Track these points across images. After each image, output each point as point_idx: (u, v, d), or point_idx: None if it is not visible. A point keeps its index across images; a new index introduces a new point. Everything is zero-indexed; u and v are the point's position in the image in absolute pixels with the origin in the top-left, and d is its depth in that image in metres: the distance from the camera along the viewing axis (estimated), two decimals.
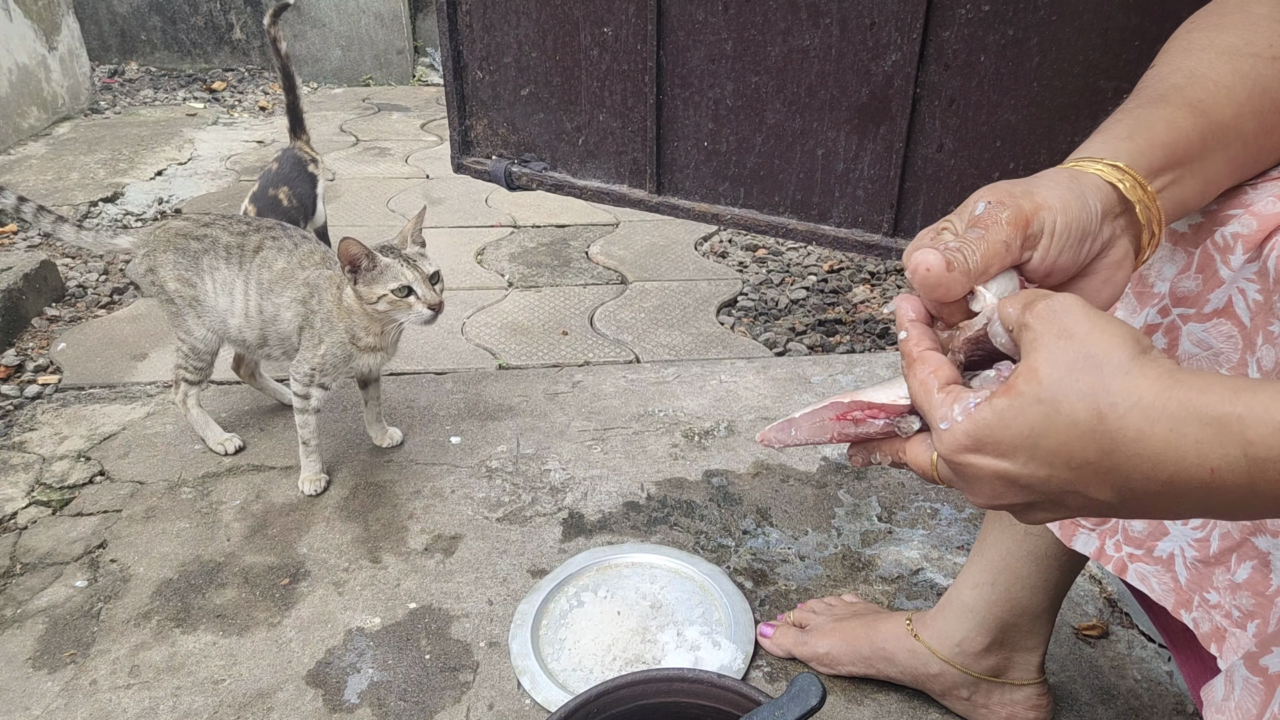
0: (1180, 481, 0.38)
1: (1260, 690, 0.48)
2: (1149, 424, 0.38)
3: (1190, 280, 0.56)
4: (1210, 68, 0.56)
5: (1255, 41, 0.56)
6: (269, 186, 1.75)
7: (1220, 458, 0.37)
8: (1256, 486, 0.37)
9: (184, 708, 0.99)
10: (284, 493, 1.35)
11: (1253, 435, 0.36)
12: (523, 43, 1.16)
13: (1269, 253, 0.51)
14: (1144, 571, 0.65)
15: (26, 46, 3.18)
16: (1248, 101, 0.55)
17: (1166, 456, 0.38)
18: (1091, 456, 0.39)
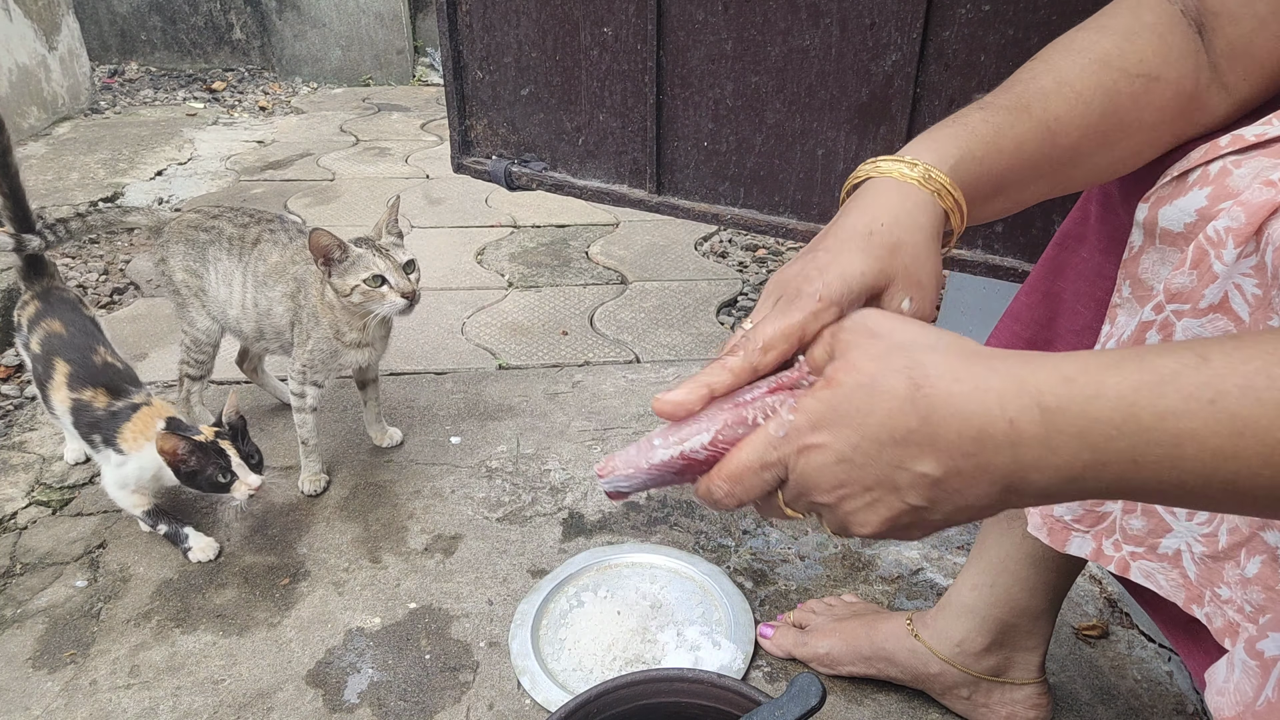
0: (988, 437, 0.40)
1: (1257, 673, 0.49)
2: (957, 384, 0.41)
3: (1184, 276, 0.56)
4: (1079, 76, 0.59)
5: (1128, 54, 0.59)
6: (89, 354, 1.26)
7: (1018, 408, 0.39)
8: (1051, 439, 0.39)
9: (184, 708, 0.99)
10: (284, 493, 1.35)
11: (1043, 385, 0.39)
12: (523, 43, 1.16)
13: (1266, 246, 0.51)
14: (1149, 568, 0.65)
15: (26, 46, 3.18)
16: (1098, 121, 0.59)
17: (973, 411, 0.40)
18: (913, 424, 0.41)
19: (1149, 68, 0.59)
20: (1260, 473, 0.34)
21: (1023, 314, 0.77)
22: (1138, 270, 0.62)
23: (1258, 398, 0.34)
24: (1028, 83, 0.60)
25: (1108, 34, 0.61)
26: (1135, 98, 0.59)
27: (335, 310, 1.24)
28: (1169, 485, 0.37)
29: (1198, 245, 0.55)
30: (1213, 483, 0.36)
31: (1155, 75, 0.59)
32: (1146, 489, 0.38)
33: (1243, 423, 0.34)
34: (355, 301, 1.19)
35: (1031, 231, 1.00)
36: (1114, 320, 0.64)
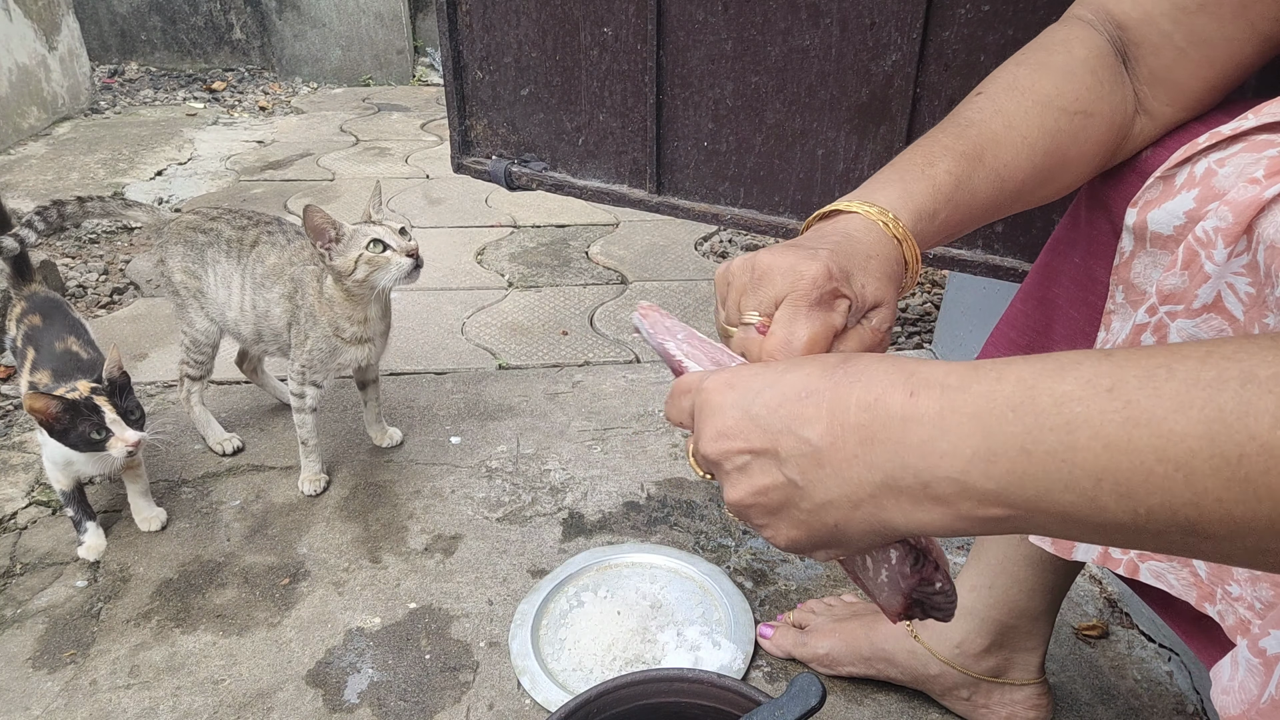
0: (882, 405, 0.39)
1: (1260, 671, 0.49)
2: (880, 361, 0.41)
3: (1176, 277, 0.57)
4: (1025, 119, 0.61)
5: (1066, 93, 0.62)
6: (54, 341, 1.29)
7: (921, 383, 0.38)
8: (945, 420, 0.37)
9: (184, 708, 0.99)
10: (284, 493, 1.35)
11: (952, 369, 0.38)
12: (523, 43, 1.16)
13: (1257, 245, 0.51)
14: (1158, 569, 0.65)
15: (26, 46, 3.18)
16: (1042, 161, 0.61)
17: (880, 379, 0.39)
18: (823, 385, 0.41)
19: (1084, 105, 0.62)
20: (1154, 469, 0.32)
21: (1018, 320, 0.78)
22: (1130, 275, 0.62)
23: (1155, 388, 0.32)
24: (980, 126, 0.61)
25: (1047, 73, 0.63)
26: (1074, 135, 0.62)
27: (335, 305, 1.24)
28: (1058, 487, 0.34)
29: (1187, 246, 0.55)
30: (1103, 483, 0.33)
31: (1090, 112, 0.62)
32: (1034, 496, 0.35)
33: (1138, 413, 0.32)
34: (360, 278, 1.18)
35: (1031, 231, 1.00)
36: (1109, 326, 0.65)
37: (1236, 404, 0.31)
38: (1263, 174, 0.52)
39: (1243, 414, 0.30)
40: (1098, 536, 0.35)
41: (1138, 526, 0.33)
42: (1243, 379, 0.31)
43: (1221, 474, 0.31)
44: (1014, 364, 0.37)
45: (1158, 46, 0.63)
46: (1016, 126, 0.61)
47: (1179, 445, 0.31)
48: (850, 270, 0.53)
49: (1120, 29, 0.64)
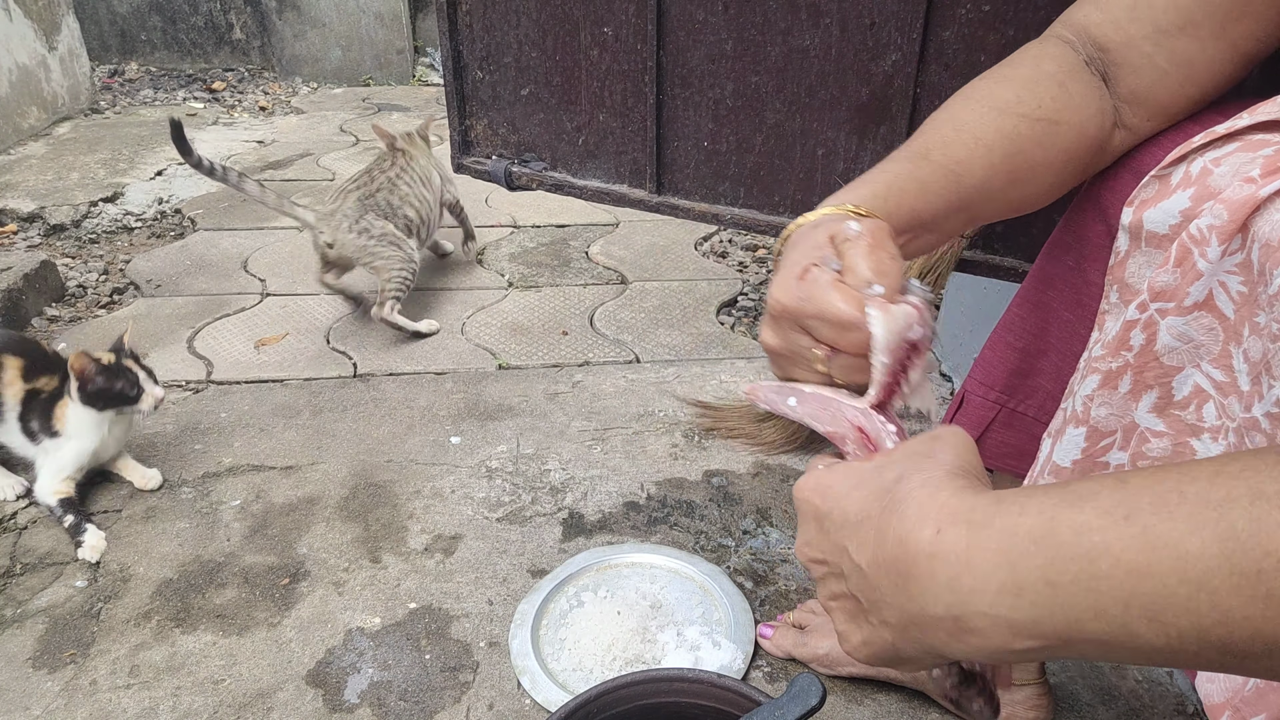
0: (913, 541, 0.39)
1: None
2: (920, 489, 0.41)
3: (1167, 274, 0.57)
4: (979, 123, 0.63)
5: (1027, 101, 0.63)
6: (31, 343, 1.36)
7: (948, 520, 0.39)
8: (971, 556, 0.38)
9: (184, 708, 0.99)
10: (284, 493, 1.35)
11: (975, 504, 0.39)
12: (523, 43, 1.16)
13: (1251, 243, 0.52)
14: None
15: (26, 46, 3.18)
16: (1001, 162, 0.62)
17: (912, 514, 0.40)
18: (874, 511, 0.42)
19: (1048, 113, 0.62)
20: (1176, 591, 0.33)
21: (1015, 325, 0.78)
22: (1124, 274, 0.62)
23: (1170, 513, 0.33)
24: (929, 134, 0.64)
25: (1008, 84, 0.64)
26: (1038, 140, 0.62)
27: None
28: (1087, 615, 0.35)
29: (1180, 243, 0.56)
30: (1131, 608, 0.34)
31: (1056, 120, 0.62)
32: (1065, 625, 0.36)
33: (1155, 537, 0.33)
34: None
35: (1031, 232, 1.00)
36: (1102, 326, 0.65)
37: (1248, 521, 0.31)
38: (1258, 173, 0.52)
39: (1255, 531, 0.31)
40: (1140, 661, 0.36)
41: (1174, 649, 0.34)
42: (1252, 496, 0.32)
43: (1243, 591, 0.31)
44: (1034, 495, 0.38)
45: (1139, 68, 0.64)
46: (967, 128, 0.62)
47: (1197, 565, 0.32)
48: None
49: (1101, 50, 0.65)
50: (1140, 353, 0.60)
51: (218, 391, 1.63)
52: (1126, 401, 0.62)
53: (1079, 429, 0.65)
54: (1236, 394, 0.55)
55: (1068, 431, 0.66)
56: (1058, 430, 0.68)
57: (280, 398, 1.60)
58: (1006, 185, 0.63)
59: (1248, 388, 0.54)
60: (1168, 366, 0.59)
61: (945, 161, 0.61)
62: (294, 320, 1.92)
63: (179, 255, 2.26)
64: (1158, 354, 0.59)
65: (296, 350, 1.79)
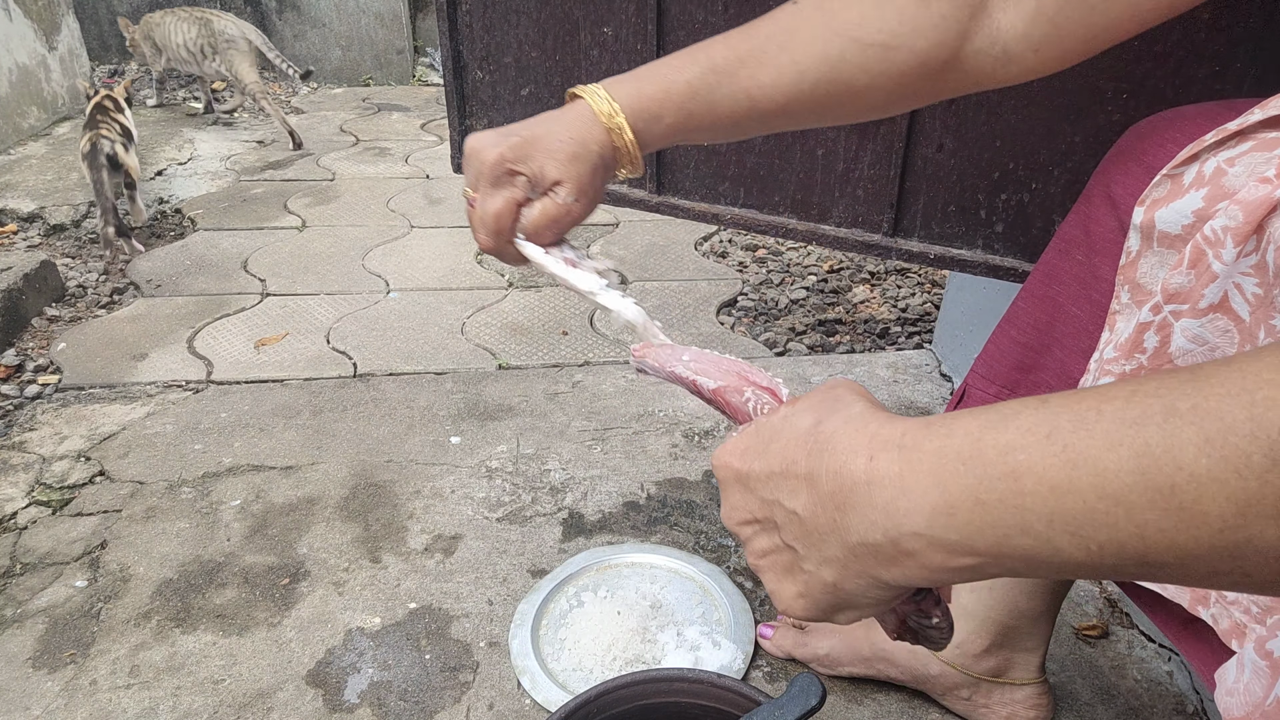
0: (848, 473, 0.40)
1: (1266, 674, 0.49)
2: (846, 424, 0.42)
3: (1181, 276, 0.56)
4: (806, 46, 0.61)
5: (870, 21, 0.60)
6: None
7: (880, 446, 0.40)
8: (905, 479, 0.38)
9: (184, 708, 0.99)
10: (284, 493, 1.35)
11: (906, 428, 0.40)
12: (523, 43, 1.16)
13: (1267, 245, 0.51)
14: None
15: (26, 46, 3.18)
16: (809, 90, 0.62)
17: (845, 447, 0.41)
18: (799, 457, 0.43)
19: (887, 37, 0.60)
20: (1095, 506, 0.33)
21: (1019, 319, 0.77)
22: (1136, 275, 0.62)
23: (1088, 430, 0.34)
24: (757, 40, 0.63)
25: (860, 3, 0.61)
26: (863, 67, 0.61)
27: None
28: (1015, 531, 0.35)
29: (1195, 245, 0.55)
30: (1054, 524, 0.34)
31: (892, 45, 0.60)
32: (995, 542, 0.36)
33: (1075, 454, 0.34)
34: None
35: (1032, 231, 1.00)
36: (1113, 327, 0.64)
37: (1161, 437, 0.32)
38: (1274, 173, 0.51)
39: (1168, 447, 0.32)
40: (1064, 574, 0.37)
41: (1094, 563, 0.35)
42: (1165, 413, 0.32)
43: (1157, 505, 0.32)
44: (961, 418, 0.38)
45: None
46: (791, 49, 0.61)
47: (1115, 481, 0.33)
48: (530, 153, 0.63)
49: None
50: (1154, 355, 0.59)
51: (218, 391, 1.63)
52: None
53: None
54: None
55: None
56: None
57: (280, 398, 1.60)
58: (810, 111, 0.64)
59: None
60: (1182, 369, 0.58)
61: (749, 86, 0.62)
62: (294, 320, 1.92)
63: (179, 255, 2.26)
64: (1172, 356, 0.58)
65: (296, 350, 1.79)
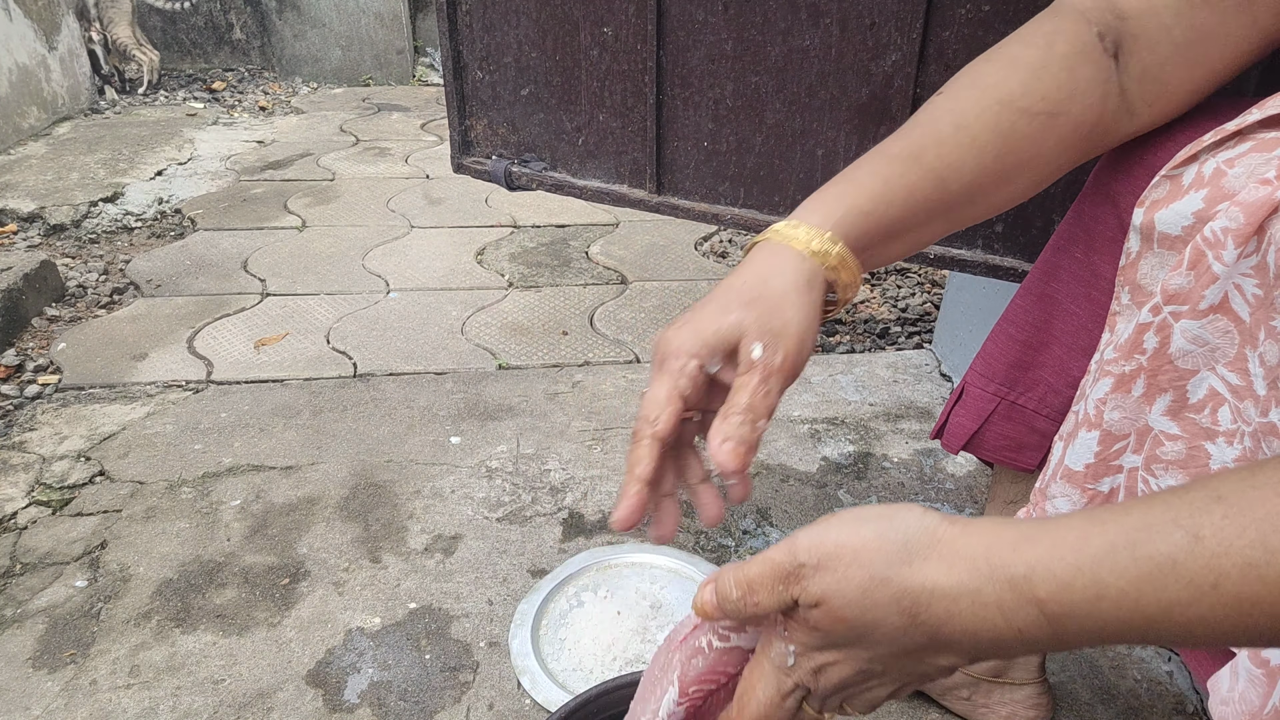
0: (1002, 642, 0.40)
1: (1263, 682, 0.49)
2: (953, 604, 0.40)
3: (1181, 277, 0.56)
4: (978, 120, 0.60)
5: (1032, 92, 0.60)
6: None
7: (1024, 619, 0.39)
8: (1063, 636, 0.38)
9: (184, 708, 0.99)
10: (284, 493, 1.35)
11: (1042, 594, 0.38)
12: (523, 43, 1.16)
13: (1267, 246, 0.51)
14: None
15: (26, 46, 3.18)
16: (992, 163, 0.60)
17: (981, 628, 0.40)
18: (923, 641, 0.42)
19: (1050, 105, 0.60)
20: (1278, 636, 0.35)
21: (1018, 317, 0.78)
22: (1137, 276, 0.62)
23: (1259, 575, 0.34)
24: (925, 127, 0.61)
25: (1016, 70, 0.61)
26: (1033, 137, 0.60)
27: None
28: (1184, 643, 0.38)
29: (1195, 246, 0.55)
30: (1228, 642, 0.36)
31: (1056, 112, 0.60)
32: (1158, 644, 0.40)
33: (1249, 603, 0.34)
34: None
35: (1031, 231, 1.00)
36: (1113, 328, 0.64)
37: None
38: (1274, 174, 0.51)
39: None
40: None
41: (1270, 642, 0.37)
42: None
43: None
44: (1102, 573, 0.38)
45: (1155, 42, 0.61)
46: (967, 126, 0.60)
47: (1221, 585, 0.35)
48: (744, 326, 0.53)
49: (1120, 19, 0.62)
50: (1154, 356, 0.60)
51: (218, 391, 1.63)
52: (1140, 405, 0.61)
53: (1091, 432, 0.64)
54: (1252, 398, 0.55)
55: (1080, 435, 0.65)
56: (1069, 434, 0.67)
57: (280, 398, 1.60)
58: (992, 187, 0.62)
59: (1264, 392, 0.53)
60: (1182, 370, 0.59)
61: (937, 165, 0.59)
62: (294, 320, 1.92)
63: (179, 255, 2.26)
64: (1172, 357, 0.59)
65: (296, 350, 1.79)
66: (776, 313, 0.52)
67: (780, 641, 0.46)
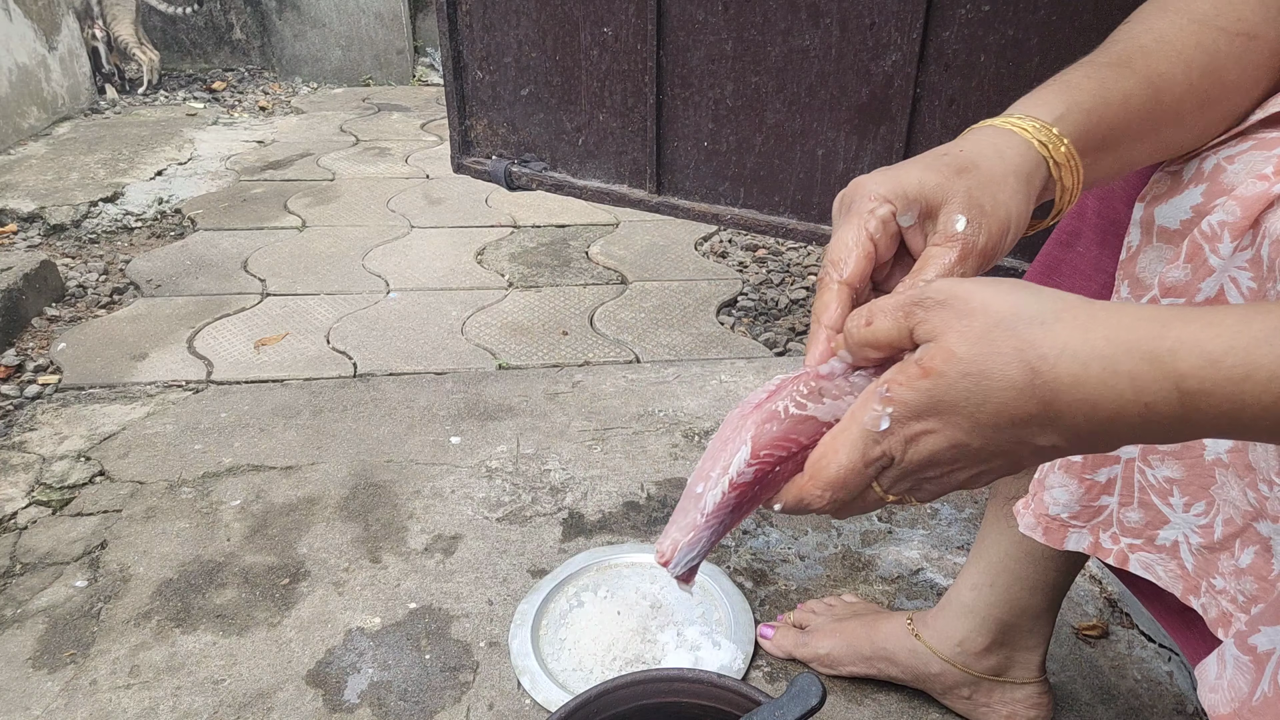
0: (1120, 419, 0.38)
1: (1251, 669, 0.49)
2: (1082, 368, 0.37)
3: (1179, 270, 0.57)
4: (1179, 35, 0.56)
5: (1225, 13, 0.57)
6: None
7: (1155, 393, 0.37)
8: (1189, 417, 0.37)
9: (184, 708, 0.99)
10: (284, 493, 1.35)
11: (1185, 368, 0.36)
12: (523, 43, 1.16)
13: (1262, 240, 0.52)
14: (1147, 560, 0.65)
15: (26, 46, 3.18)
16: (1199, 80, 0.56)
17: (1105, 397, 0.37)
18: (1034, 409, 0.39)
19: (1248, 26, 0.57)
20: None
21: None
22: (1136, 269, 0.62)
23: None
24: (1126, 41, 0.57)
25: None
26: (1236, 57, 0.57)
27: None
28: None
29: (1192, 240, 0.56)
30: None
31: (1254, 34, 0.57)
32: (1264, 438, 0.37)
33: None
34: None
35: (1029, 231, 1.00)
36: None
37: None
38: (1272, 170, 0.52)
39: None
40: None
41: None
42: None
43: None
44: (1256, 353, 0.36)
45: None
46: (1169, 40, 0.56)
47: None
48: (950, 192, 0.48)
49: None
50: None
51: (218, 391, 1.63)
52: None
53: None
54: None
55: None
56: None
57: (280, 398, 1.60)
58: (1199, 108, 0.57)
59: None
60: None
61: (1147, 73, 0.55)
62: (294, 320, 1.92)
63: (179, 255, 2.26)
64: None
65: (296, 350, 1.79)
66: (989, 190, 0.47)
67: (879, 403, 0.42)
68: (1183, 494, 0.62)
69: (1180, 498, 0.62)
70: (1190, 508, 0.61)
